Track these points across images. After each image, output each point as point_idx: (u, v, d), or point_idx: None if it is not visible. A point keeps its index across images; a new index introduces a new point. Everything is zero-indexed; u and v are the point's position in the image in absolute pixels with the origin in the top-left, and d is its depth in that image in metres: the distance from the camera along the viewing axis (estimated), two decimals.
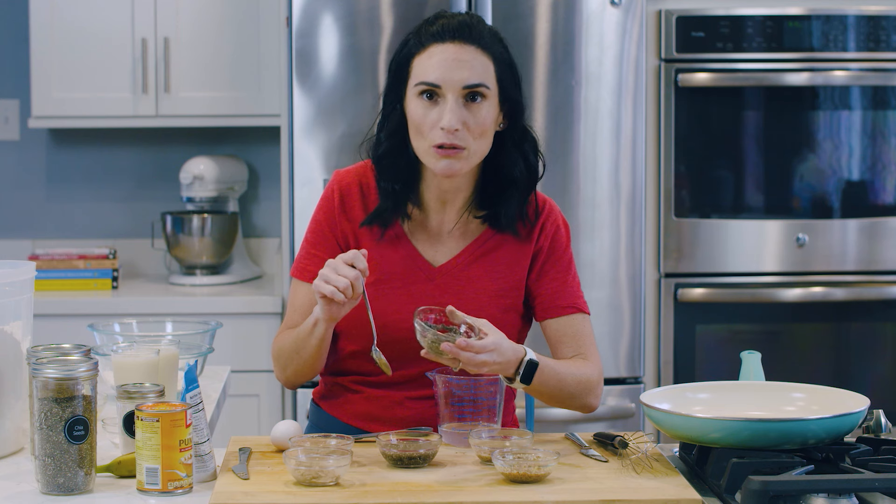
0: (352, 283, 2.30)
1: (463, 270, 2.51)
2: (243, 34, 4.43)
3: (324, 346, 2.46)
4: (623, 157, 4.03)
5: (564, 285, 2.55)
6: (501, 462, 2.15)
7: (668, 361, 4.19)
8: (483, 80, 2.41)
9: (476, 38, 2.42)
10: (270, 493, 2.08)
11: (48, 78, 4.40)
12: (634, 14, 4.02)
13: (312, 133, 3.95)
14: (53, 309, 4.16)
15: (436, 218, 2.53)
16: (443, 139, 2.40)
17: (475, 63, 2.41)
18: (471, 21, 2.44)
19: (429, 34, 2.43)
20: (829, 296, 4.23)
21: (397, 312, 2.48)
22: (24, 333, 2.36)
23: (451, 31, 2.42)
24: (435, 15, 2.48)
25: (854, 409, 2.17)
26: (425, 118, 2.41)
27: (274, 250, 4.72)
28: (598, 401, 2.52)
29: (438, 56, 2.40)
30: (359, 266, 2.31)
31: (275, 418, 4.19)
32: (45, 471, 2.10)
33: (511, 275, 2.53)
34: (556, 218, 2.57)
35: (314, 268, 2.48)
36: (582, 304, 2.57)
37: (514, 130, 2.50)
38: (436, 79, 2.40)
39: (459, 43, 2.41)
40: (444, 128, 2.39)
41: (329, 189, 2.56)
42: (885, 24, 4.17)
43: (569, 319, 2.54)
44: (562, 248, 2.56)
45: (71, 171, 4.76)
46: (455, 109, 2.39)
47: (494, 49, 2.44)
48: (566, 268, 2.56)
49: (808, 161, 4.24)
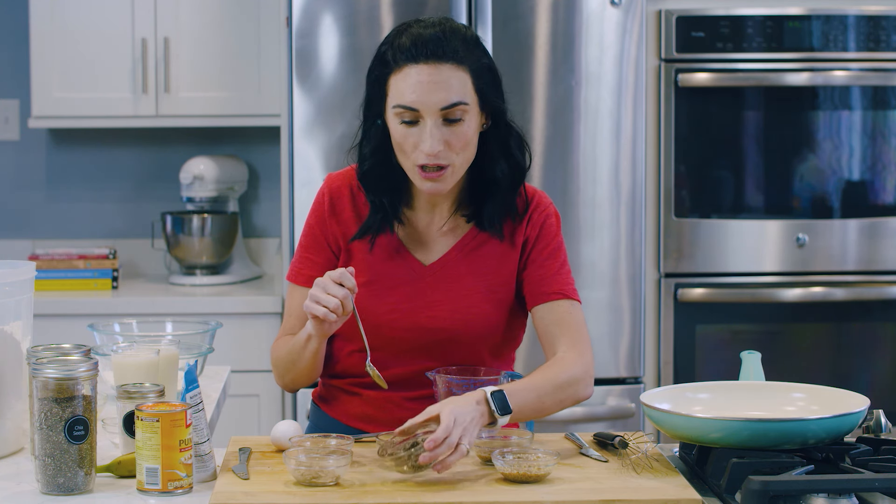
0: (342, 301, 2.31)
1: (453, 268, 2.50)
2: (243, 34, 4.43)
3: (318, 358, 2.48)
4: (623, 157, 4.03)
5: (551, 272, 2.51)
6: (501, 462, 2.15)
7: (668, 361, 4.19)
8: (461, 98, 2.38)
9: (451, 54, 2.37)
10: (270, 493, 2.08)
11: (48, 78, 4.40)
12: (634, 14, 4.02)
13: (312, 133, 3.95)
14: (53, 309, 4.16)
15: (425, 218, 2.53)
16: (425, 161, 2.39)
17: (452, 82, 2.37)
18: (443, 34, 2.38)
19: (402, 51, 2.38)
20: (829, 296, 4.23)
21: (391, 312, 2.49)
22: (24, 333, 2.36)
23: (424, 48, 2.37)
24: (408, 24, 2.43)
25: (854, 409, 2.17)
26: (406, 139, 2.40)
27: (274, 250, 4.72)
28: (589, 390, 2.45)
29: (414, 78, 2.37)
30: (347, 284, 2.32)
31: (275, 418, 4.19)
32: (45, 471, 2.10)
33: (501, 269, 2.52)
34: (545, 208, 2.54)
35: (309, 271, 2.52)
36: (569, 291, 2.51)
37: (496, 130, 2.48)
38: (412, 102, 2.37)
39: (433, 63, 2.36)
40: (425, 152, 2.38)
41: (320, 193, 2.57)
42: (885, 24, 4.17)
43: (554, 305, 2.49)
44: (549, 236, 2.53)
45: (71, 171, 4.76)
46: (434, 133, 2.37)
47: (470, 59, 2.40)
48: (553, 255, 2.52)
49: (808, 161, 4.24)
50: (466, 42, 2.41)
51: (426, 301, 2.48)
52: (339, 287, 2.32)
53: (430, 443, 2.12)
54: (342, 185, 2.56)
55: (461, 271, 2.51)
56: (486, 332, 2.50)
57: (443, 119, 2.38)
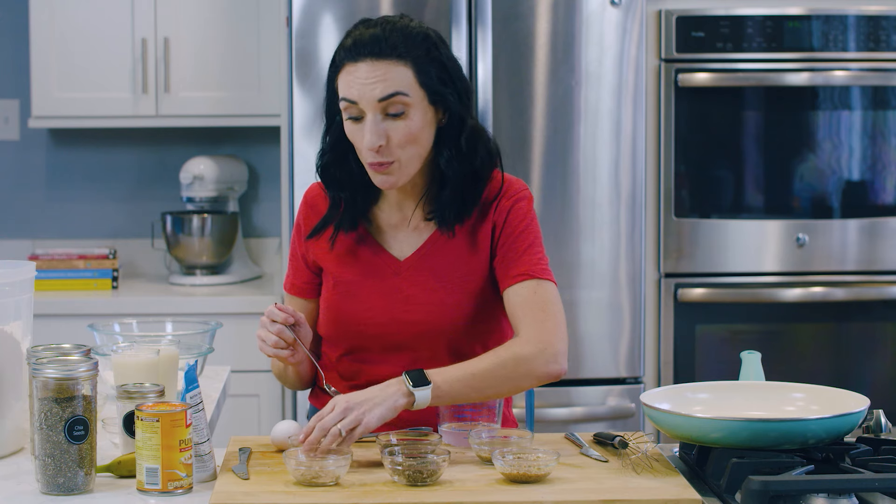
0: (279, 336, 2.40)
1: (427, 261, 2.50)
2: (243, 34, 4.43)
3: (303, 373, 2.58)
4: (623, 157, 4.03)
5: (517, 255, 2.48)
6: (501, 462, 2.15)
7: (668, 361, 4.19)
8: (398, 89, 2.39)
9: (389, 51, 2.39)
10: (270, 493, 2.08)
11: (48, 78, 4.40)
12: (634, 14, 4.02)
13: (312, 133, 3.95)
14: (53, 309, 4.16)
15: (397, 214, 2.54)
16: (370, 158, 2.41)
17: (389, 76, 2.38)
18: (383, 33, 2.40)
19: (345, 51, 2.42)
20: (829, 296, 4.23)
21: (370, 310, 2.50)
22: (24, 333, 2.36)
23: (363, 48, 2.39)
24: (353, 27, 2.47)
25: (854, 409, 2.17)
26: (354, 136, 2.43)
27: (274, 250, 4.72)
28: (552, 366, 2.38)
29: (353, 74, 2.40)
30: (277, 319, 2.40)
31: (275, 418, 4.19)
32: (45, 471, 2.10)
33: (474, 258, 2.51)
34: (515, 193, 2.52)
35: (296, 280, 2.61)
36: (536, 270, 2.46)
37: (450, 126, 2.48)
38: (352, 96, 2.40)
39: (371, 60, 2.39)
40: (366, 147, 2.40)
41: (299, 204, 2.62)
42: (885, 24, 4.17)
43: (518, 288, 2.45)
44: (517, 220, 2.50)
45: (71, 171, 4.76)
46: (373, 127, 2.39)
47: (413, 54, 2.41)
48: (520, 237, 2.49)
49: (808, 161, 4.24)
50: (410, 38, 2.42)
51: (403, 296, 2.49)
52: (272, 324, 2.41)
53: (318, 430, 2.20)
54: (318, 193, 2.60)
55: (435, 263, 2.50)
56: (462, 322, 2.49)
57: (383, 113, 2.40)
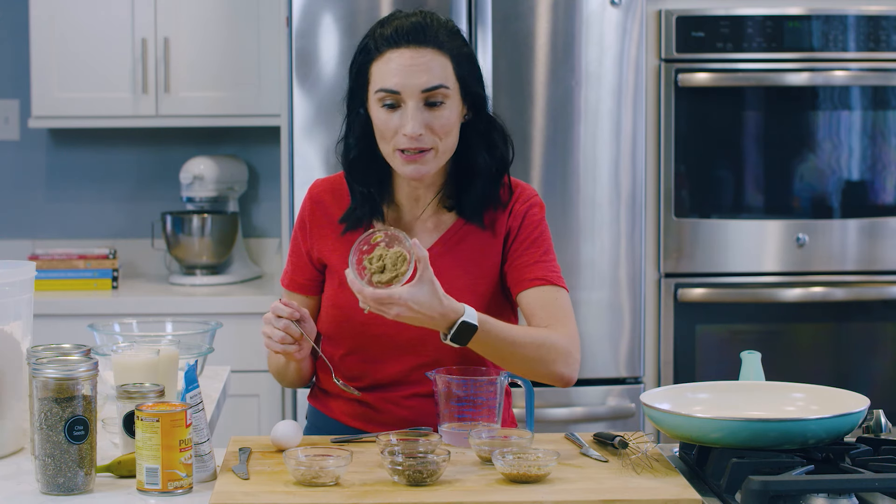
0: (285, 331, 2.40)
1: (437, 261, 2.50)
2: (243, 34, 4.43)
3: (304, 369, 2.58)
4: (623, 157, 4.03)
5: (533, 260, 2.50)
6: (501, 462, 2.15)
7: (668, 361, 4.19)
8: (442, 81, 2.40)
9: (431, 39, 2.40)
10: (270, 493, 2.08)
11: (48, 78, 4.40)
12: (634, 14, 4.02)
13: (312, 133, 3.95)
14: (53, 309, 4.16)
15: (409, 213, 2.54)
16: (406, 144, 2.40)
17: (432, 65, 2.40)
18: (424, 21, 2.42)
19: (384, 38, 2.41)
20: (829, 296, 4.23)
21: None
22: (24, 333, 2.36)
23: (406, 34, 2.40)
24: (389, 15, 2.47)
25: (854, 409, 2.17)
26: (388, 124, 2.42)
27: (274, 250, 4.72)
28: (570, 371, 2.42)
29: (396, 62, 2.39)
30: (283, 314, 2.40)
31: (275, 418, 4.19)
32: (45, 471, 2.10)
33: (485, 261, 2.52)
34: (528, 198, 2.54)
35: (296, 277, 2.59)
36: (554, 278, 2.49)
37: (478, 121, 2.49)
38: (394, 85, 2.39)
39: (414, 47, 2.39)
40: (406, 134, 2.39)
41: (303, 200, 2.60)
42: (885, 24, 4.17)
43: (538, 290, 2.47)
44: (531, 226, 2.52)
45: (71, 171, 4.76)
46: (416, 115, 2.39)
47: (451, 46, 2.43)
48: (535, 244, 2.51)
49: (808, 161, 4.24)
50: (447, 30, 2.44)
51: None
52: (278, 319, 2.41)
53: (371, 294, 2.23)
54: (323, 190, 2.58)
55: (445, 265, 2.50)
56: None
57: (424, 102, 2.40)
